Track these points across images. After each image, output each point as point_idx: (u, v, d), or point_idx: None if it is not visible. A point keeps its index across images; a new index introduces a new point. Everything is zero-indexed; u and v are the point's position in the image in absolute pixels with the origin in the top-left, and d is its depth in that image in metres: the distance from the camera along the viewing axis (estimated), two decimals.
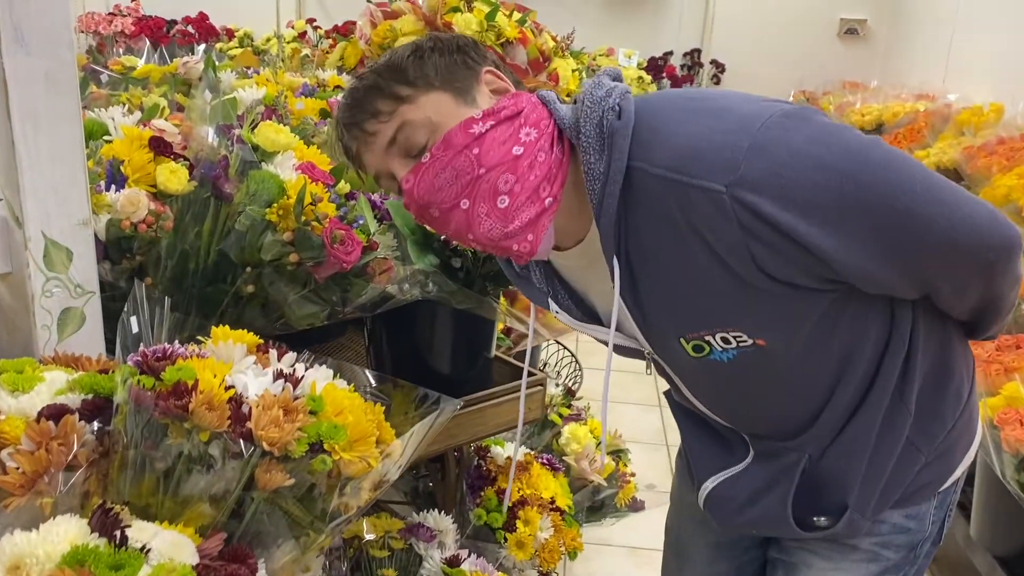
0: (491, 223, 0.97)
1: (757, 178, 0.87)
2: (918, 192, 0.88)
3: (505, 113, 0.98)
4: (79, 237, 1.06)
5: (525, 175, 0.96)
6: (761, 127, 0.88)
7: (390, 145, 1.00)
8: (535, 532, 1.76)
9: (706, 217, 0.90)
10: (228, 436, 0.82)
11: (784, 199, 0.87)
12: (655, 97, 1.00)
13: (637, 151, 0.93)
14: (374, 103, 0.99)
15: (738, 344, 0.99)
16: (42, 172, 1.01)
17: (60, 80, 1.01)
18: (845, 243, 0.89)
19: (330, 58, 2.30)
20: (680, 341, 1.02)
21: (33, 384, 0.92)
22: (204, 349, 0.94)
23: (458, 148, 0.96)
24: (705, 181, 0.88)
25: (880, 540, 1.14)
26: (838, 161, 0.87)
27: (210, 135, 1.29)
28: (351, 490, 0.90)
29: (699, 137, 0.90)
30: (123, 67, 2.36)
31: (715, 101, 0.95)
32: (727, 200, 0.87)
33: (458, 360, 1.63)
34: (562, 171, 0.99)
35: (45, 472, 0.82)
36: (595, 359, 3.56)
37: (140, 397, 0.83)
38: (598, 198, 0.96)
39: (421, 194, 0.98)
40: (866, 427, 1.06)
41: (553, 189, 0.98)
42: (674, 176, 0.90)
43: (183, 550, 0.78)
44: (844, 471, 1.08)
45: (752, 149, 0.87)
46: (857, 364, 1.04)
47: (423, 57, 1.00)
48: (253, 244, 1.21)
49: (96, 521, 0.77)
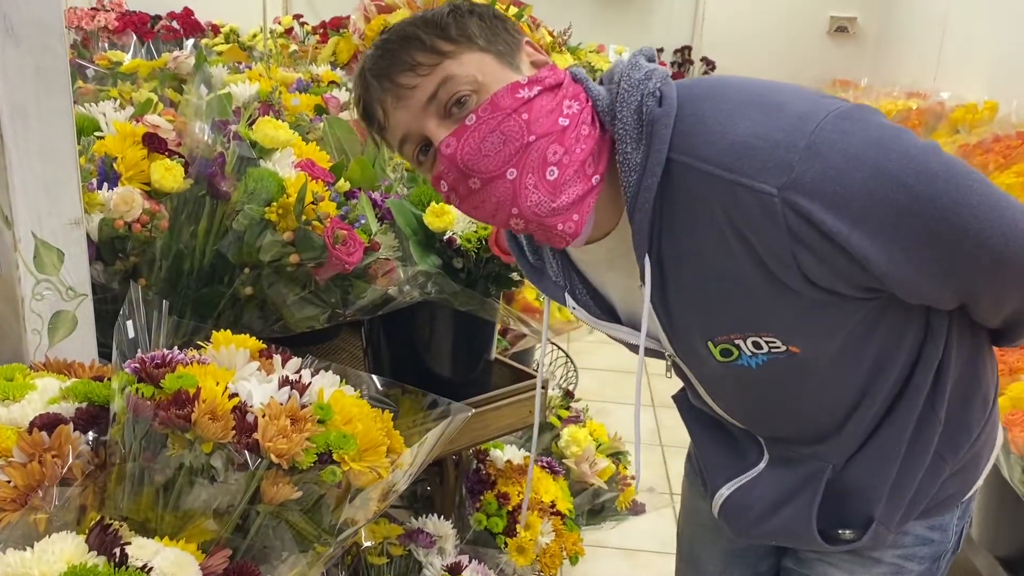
0: (539, 196, 0.90)
1: (811, 181, 0.82)
2: (975, 206, 0.84)
3: (549, 81, 0.91)
4: (71, 237, 1.02)
5: (573, 147, 0.90)
6: (817, 128, 0.83)
7: (429, 102, 0.90)
8: (536, 537, 1.73)
9: (752, 219, 0.85)
10: (233, 447, 0.78)
11: (838, 206, 0.82)
12: (700, 84, 0.93)
13: (679, 142, 0.88)
14: (413, 55, 0.90)
15: (770, 349, 0.95)
16: (33, 170, 0.97)
17: (51, 74, 0.97)
18: (896, 255, 0.85)
19: (323, 53, 2.26)
20: (708, 344, 0.98)
21: (24, 392, 0.88)
22: (205, 355, 0.89)
23: (507, 111, 0.89)
24: (755, 181, 0.83)
25: (904, 552, 1.10)
26: (896, 169, 0.82)
27: (205, 131, 1.24)
28: (360, 501, 0.86)
29: (751, 133, 0.85)
30: (109, 62, 2.31)
31: (767, 95, 0.88)
32: (778, 203, 0.83)
33: (458, 362, 1.60)
34: (605, 149, 0.93)
35: (39, 486, 0.78)
36: (588, 358, 3.53)
37: (139, 407, 0.79)
38: (633, 191, 0.90)
39: (464, 159, 0.89)
40: (896, 436, 1.03)
41: (599, 167, 0.92)
42: (721, 173, 0.85)
43: (186, 568, 0.74)
44: (871, 482, 1.05)
45: (808, 150, 0.82)
46: (889, 372, 1.01)
47: (463, 16, 0.92)
48: (251, 244, 1.16)
49: (94, 538, 0.73)
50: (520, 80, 0.90)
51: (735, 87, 0.91)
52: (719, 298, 0.93)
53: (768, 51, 6.06)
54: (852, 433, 1.04)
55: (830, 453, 1.05)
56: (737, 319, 0.94)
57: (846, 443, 1.04)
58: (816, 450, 1.06)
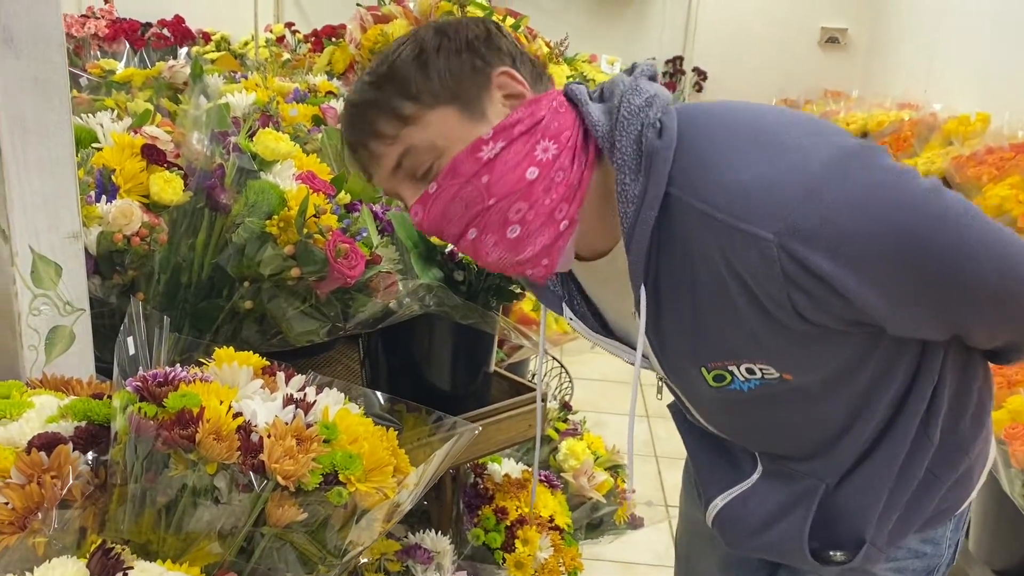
0: (500, 253, 0.92)
1: (810, 228, 0.80)
2: (972, 247, 0.83)
3: (519, 129, 0.89)
4: (69, 251, 1.00)
5: (540, 200, 0.89)
6: (819, 170, 0.81)
7: (396, 169, 0.92)
8: (534, 552, 1.71)
9: (748, 262, 0.84)
10: (238, 468, 0.76)
11: (836, 251, 0.81)
12: (703, 115, 0.90)
13: (678, 177, 0.86)
14: (376, 123, 0.91)
15: (763, 375, 0.95)
16: (31, 183, 0.95)
17: (51, 85, 0.95)
18: (893, 297, 0.85)
19: (318, 63, 2.24)
20: (701, 370, 0.97)
21: (22, 410, 0.85)
22: (207, 372, 0.88)
23: (466, 177, 0.88)
24: (753, 227, 0.82)
25: (897, 565, 1.11)
26: (895, 215, 0.81)
27: (204, 143, 1.23)
28: (365, 523, 0.85)
29: (751, 176, 0.83)
30: (102, 71, 2.29)
31: (770, 132, 0.87)
32: (775, 249, 0.81)
33: (457, 375, 1.58)
34: (582, 188, 0.92)
35: (38, 508, 0.75)
36: (583, 368, 3.52)
37: (142, 426, 0.78)
38: (630, 223, 0.89)
39: (430, 226, 0.93)
40: (889, 458, 1.03)
41: (571, 210, 0.91)
42: (719, 216, 0.84)
43: None
44: (863, 502, 1.05)
45: (807, 195, 0.80)
46: (883, 396, 1.01)
47: (427, 64, 0.90)
48: (252, 258, 1.15)
49: (95, 563, 0.71)
50: (483, 136, 0.88)
51: (739, 122, 0.89)
52: (713, 328, 0.92)
53: (760, 61, 6.09)
54: (845, 452, 1.04)
55: (824, 470, 1.05)
56: (731, 348, 0.93)
57: (839, 461, 1.04)
58: (810, 467, 1.06)
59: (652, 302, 0.93)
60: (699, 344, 0.96)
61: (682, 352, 0.98)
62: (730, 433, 1.12)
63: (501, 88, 0.91)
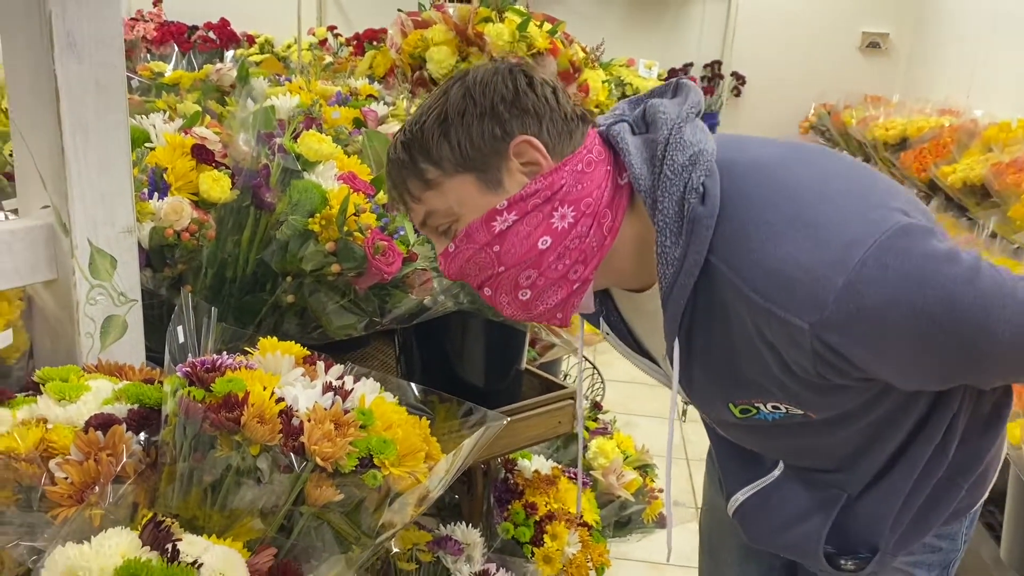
0: (514, 311, 0.97)
1: (844, 320, 0.83)
2: (999, 336, 0.85)
3: (534, 202, 0.91)
4: (123, 245, 1.06)
5: (551, 267, 0.92)
6: (859, 263, 0.82)
7: (422, 223, 0.98)
8: (563, 547, 1.75)
9: (781, 338, 0.87)
10: (280, 450, 0.81)
11: (866, 341, 0.84)
12: (747, 181, 0.90)
13: (719, 246, 0.88)
14: (405, 181, 0.96)
15: (788, 411, 0.99)
16: (90, 180, 1.01)
17: (110, 89, 1.01)
18: (913, 374, 0.91)
19: (360, 67, 2.30)
20: (728, 405, 1.01)
21: (79, 393, 0.91)
22: (252, 360, 0.93)
23: (479, 245, 0.93)
24: (789, 314, 0.84)
25: (913, 560, 1.14)
26: (931, 307, 0.82)
27: (251, 144, 1.28)
28: (397, 505, 0.89)
29: (792, 262, 0.84)
30: (152, 73, 2.37)
31: (812, 209, 0.86)
32: (808, 336, 0.84)
33: (490, 372, 1.62)
34: (604, 249, 0.93)
35: (94, 483, 0.81)
36: (614, 370, 3.54)
37: (190, 409, 0.83)
38: (668, 284, 0.91)
39: (453, 276, 0.98)
40: (905, 473, 1.06)
41: (585, 272, 0.94)
42: (755, 297, 0.86)
43: (234, 566, 0.77)
44: (879, 512, 1.08)
45: (845, 289, 0.82)
46: (903, 424, 1.04)
47: (449, 131, 0.92)
48: (294, 254, 1.20)
49: (148, 534, 0.76)
50: (498, 207, 0.91)
51: (782, 195, 0.88)
52: (742, 376, 0.96)
53: (799, 66, 6.06)
54: (865, 469, 1.08)
55: (846, 482, 1.10)
56: (757, 392, 0.97)
57: (860, 476, 1.09)
58: (832, 478, 1.10)
59: (684, 350, 0.96)
60: (727, 387, 0.99)
61: (711, 392, 1.02)
62: (754, 448, 1.17)
63: (519, 156, 0.92)
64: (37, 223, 1.01)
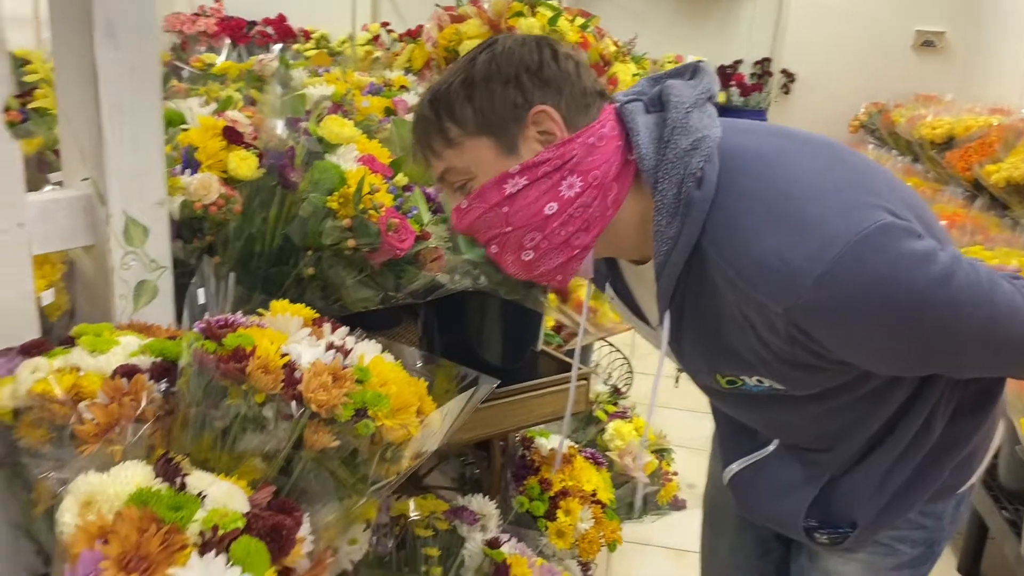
0: (516, 270, 1.04)
1: (818, 306, 0.87)
2: (967, 336, 0.90)
3: (544, 169, 0.96)
4: (155, 216, 1.15)
5: (555, 232, 0.98)
6: (837, 255, 0.86)
7: (440, 178, 1.04)
8: (575, 522, 1.81)
9: (759, 320, 0.93)
10: (281, 398, 0.89)
11: (835, 328, 0.89)
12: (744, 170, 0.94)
13: (710, 231, 0.93)
14: (429, 137, 1.02)
15: (771, 386, 1.04)
16: (125, 156, 1.11)
17: (145, 73, 1.10)
18: (886, 363, 0.96)
19: (398, 60, 2.39)
20: (715, 375, 1.07)
21: (109, 346, 1.01)
22: (263, 320, 1.01)
23: (490, 204, 0.98)
24: (766, 299, 0.89)
25: (896, 535, 1.17)
26: (900, 303, 0.86)
27: (279, 127, 1.37)
28: (392, 455, 0.97)
29: (774, 252, 0.89)
30: (203, 64, 2.49)
31: (800, 204, 0.90)
32: (782, 320, 0.90)
33: (506, 352, 1.69)
34: (605, 219, 0.98)
35: (117, 423, 0.90)
36: (648, 362, 3.58)
37: (203, 360, 0.91)
38: (662, 260, 0.96)
39: (462, 230, 1.04)
40: (889, 450, 1.10)
41: (587, 239, 0.99)
42: (737, 281, 0.91)
43: (236, 499, 0.85)
44: (860, 489, 1.12)
45: (820, 279, 0.86)
46: (889, 402, 1.07)
47: (472, 95, 0.98)
48: (315, 229, 1.29)
49: (160, 468, 0.85)
50: (510, 171, 0.97)
51: (775, 189, 0.92)
52: (728, 348, 1.01)
53: (850, 64, 5.99)
54: (850, 449, 1.12)
55: (831, 462, 1.13)
56: (742, 365, 1.02)
57: (845, 456, 1.12)
58: (819, 456, 1.14)
59: (676, 321, 1.02)
60: (714, 358, 1.05)
61: (698, 361, 1.08)
62: (744, 419, 1.22)
63: (536, 125, 0.97)
64: (77, 194, 1.11)
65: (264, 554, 0.80)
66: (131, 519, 0.78)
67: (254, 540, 0.80)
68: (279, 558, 0.83)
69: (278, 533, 0.83)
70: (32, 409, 0.96)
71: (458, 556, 1.61)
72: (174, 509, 0.80)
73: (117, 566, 0.74)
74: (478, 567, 1.59)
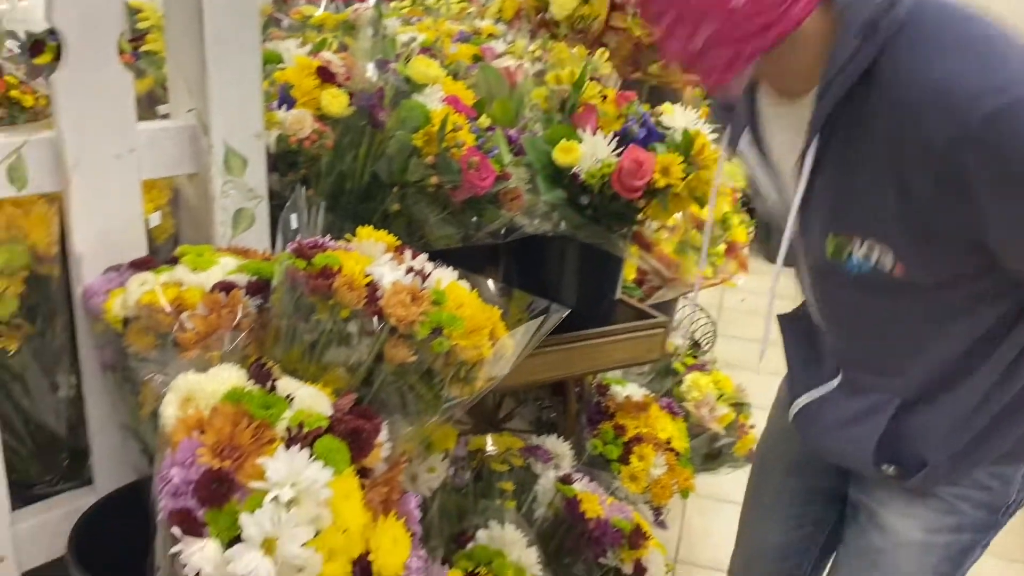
0: (678, 55, 1.00)
1: (985, 141, 0.85)
2: None
3: None
4: (253, 147, 1.23)
5: (736, 25, 0.94)
6: (1020, 97, 0.83)
7: None
8: (649, 468, 1.84)
9: (913, 153, 0.90)
10: (363, 313, 0.95)
11: (993, 167, 0.86)
12: (941, 7, 0.92)
13: (892, 49, 0.91)
14: None
15: (876, 263, 1.00)
16: (227, 89, 1.18)
17: (245, 11, 1.17)
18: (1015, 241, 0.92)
19: (489, 9, 2.42)
20: (828, 235, 1.04)
21: (210, 265, 1.09)
22: (350, 244, 1.07)
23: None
24: (930, 127, 0.87)
25: (959, 492, 1.13)
26: None
27: (370, 69, 1.43)
28: (465, 375, 1.02)
29: (954, 79, 0.86)
30: (302, 15, 2.58)
31: (999, 41, 0.88)
32: (940, 152, 0.87)
33: (584, 298, 1.72)
34: (789, 23, 0.94)
35: (215, 332, 0.98)
36: (735, 327, 3.55)
37: (294, 276, 0.98)
38: (834, 72, 0.95)
39: None
40: (969, 390, 1.06)
41: (764, 42, 0.95)
42: (905, 107, 0.89)
43: (320, 403, 0.92)
44: (934, 427, 1.09)
45: (998, 113, 0.83)
46: (976, 327, 1.04)
47: None
48: (401, 166, 1.34)
49: (253, 371, 0.92)
50: None
51: (969, 24, 0.91)
52: (858, 196, 0.98)
53: None
54: (925, 372, 1.08)
55: (901, 387, 1.11)
56: (864, 221, 0.99)
57: (918, 381, 1.09)
58: (888, 382, 1.12)
59: (816, 158, 1.00)
60: (839, 206, 1.02)
61: (821, 210, 1.04)
62: (828, 318, 1.18)
63: None
64: (182, 124, 1.19)
65: (344, 452, 0.87)
66: (225, 414, 0.85)
67: (335, 439, 0.87)
68: (358, 458, 0.89)
69: (358, 435, 0.90)
70: (140, 319, 1.05)
71: (531, 491, 1.67)
72: (264, 407, 0.87)
73: (212, 453, 0.82)
74: (550, 502, 1.64)
